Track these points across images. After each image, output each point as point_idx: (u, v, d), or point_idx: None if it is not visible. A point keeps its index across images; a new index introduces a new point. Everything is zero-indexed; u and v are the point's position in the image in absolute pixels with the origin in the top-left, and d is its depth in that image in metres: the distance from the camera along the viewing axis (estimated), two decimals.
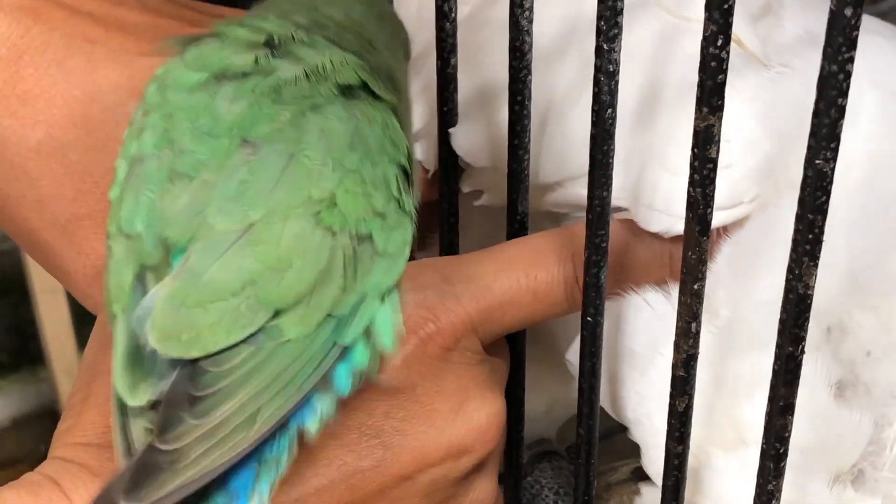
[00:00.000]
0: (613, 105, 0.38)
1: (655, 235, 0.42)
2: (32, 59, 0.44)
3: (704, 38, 0.34)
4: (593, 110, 0.38)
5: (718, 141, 0.35)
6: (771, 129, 0.42)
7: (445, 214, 0.47)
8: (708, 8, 0.34)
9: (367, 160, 0.36)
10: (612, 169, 0.39)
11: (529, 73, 0.42)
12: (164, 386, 0.34)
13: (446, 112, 0.46)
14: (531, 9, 0.41)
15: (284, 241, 0.35)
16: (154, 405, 0.34)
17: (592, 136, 0.39)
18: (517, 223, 0.44)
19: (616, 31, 0.37)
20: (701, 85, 0.35)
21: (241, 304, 0.34)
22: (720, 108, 0.35)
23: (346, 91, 0.37)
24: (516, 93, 0.42)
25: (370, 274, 0.36)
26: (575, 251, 0.41)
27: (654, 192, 0.42)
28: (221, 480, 0.34)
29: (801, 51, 0.44)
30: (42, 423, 1.58)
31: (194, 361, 0.34)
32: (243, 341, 0.34)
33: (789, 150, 0.41)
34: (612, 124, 0.38)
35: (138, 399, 0.34)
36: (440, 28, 0.44)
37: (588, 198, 0.40)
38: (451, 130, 0.46)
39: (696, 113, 0.35)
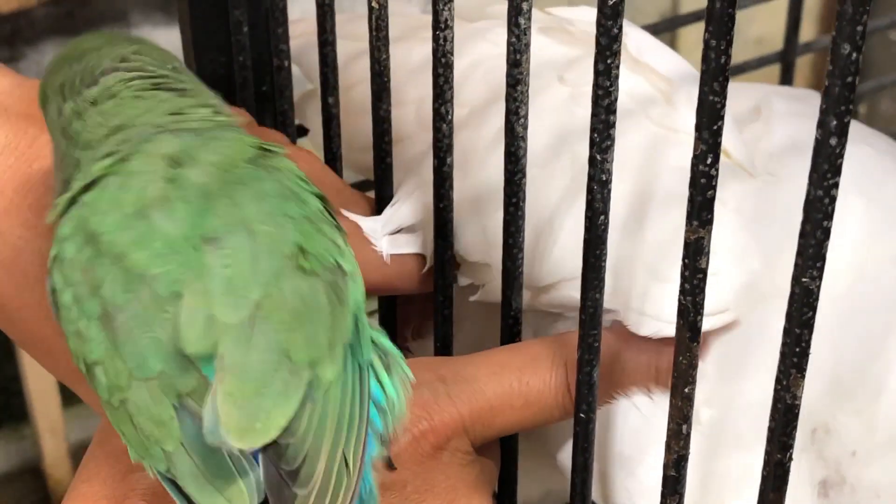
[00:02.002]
0: (606, 212, 0.40)
1: (643, 345, 0.43)
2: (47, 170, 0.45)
3: (695, 157, 0.35)
4: (587, 216, 0.40)
5: (708, 252, 0.37)
6: (757, 238, 0.44)
7: (440, 307, 0.49)
8: (699, 128, 0.35)
9: (300, 203, 0.39)
10: (604, 272, 0.40)
11: (524, 176, 0.43)
12: (255, 478, 0.36)
13: (442, 209, 0.47)
14: (526, 116, 0.42)
15: (289, 302, 0.37)
16: None
17: (586, 241, 0.40)
18: (511, 318, 0.46)
19: (609, 142, 0.39)
20: (691, 200, 0.36)
21: (283, 374, 0.36)
22: (710, 222, 0.36)
23: (248, 159, 0.40)
24: (511, 195, 0.43)
25: (351, 296, 0.39)
26: (568, 359, 0.43)
27: (643, 299, 0.43)
28: None
29: (788, 160, 0.45)
30: (24, 481, 1.57)
31: (273, 444, 0.36)
32: (301, 405, 0.36)
33: (775, 257, 0.43)
34: (605, 230, 0.40)
35: None
36: (437, 129, 0.46)
37: (581, 299, 0.41)
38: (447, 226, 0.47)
39: (686, 226, 0.36)
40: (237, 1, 0.56)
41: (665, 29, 0.73)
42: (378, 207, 0.51)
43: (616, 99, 0.38)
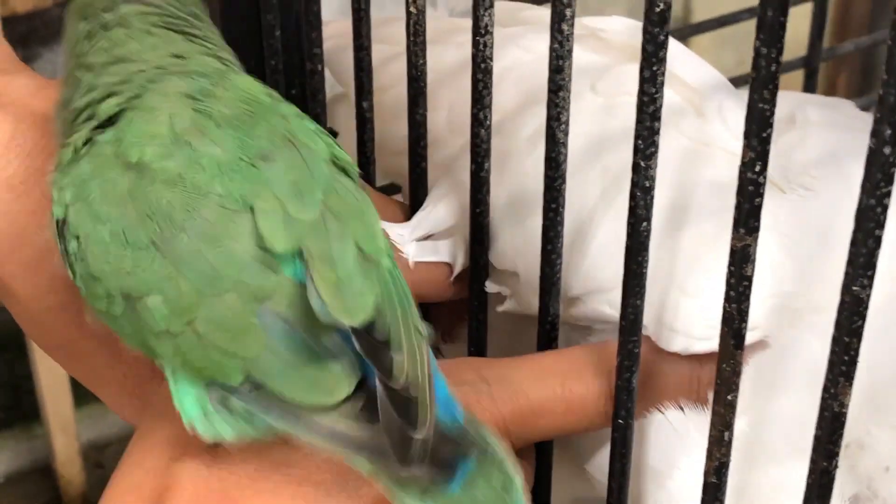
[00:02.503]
0: (649, 218, 0.40)
1: (679, 358, 0.43)
2: None
3: (743, 164, 0.36)
4: (629, 223, 0.40)
5: (754, 260, 0.37)
6: (792, 253, 0.44)
7: (475, 312, 0.49)
8: (747, 135, 0.35)
9: (313, 123, 0.42)
10: (645, 279, 0.41)
11: (564, 181, 0.43)
12: (350, 366, 0.38)
13: (479, 213, 0.47)
14: (567, 122, 0.42)
15: (345, 201, 0.40)
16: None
17: (628, 247, 0.40)
18: (548, 325, 0.46)
19: (653, 149, 0.39)
20: (738, 207, 0.36)
21: (362, 261, 0.39)
22: (756, 230, 0.36)
23: (266, 95, 0.42)
24: (551, 200, 0.43)
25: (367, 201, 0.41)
26: (610, 367, 0.43)
27: (674, 315, 0.43)
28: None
29: (823, 173, 0.45)
30: (36, 479, 1.58)
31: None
32: (380, 287, 0.39)
33: (810, 273, 0.43)
34: (647, 236, 0.40)
35: (342, 392, 0.38)
36: (475, 134, 0.46)
37: (622, 306, 0.41)
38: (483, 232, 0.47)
39: (733, 233, 0.37)
40: (269, 5, 0.56)
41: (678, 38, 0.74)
42: (412, 211, 0.51)
43: (661, 106, 0.38)
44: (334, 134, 0.61)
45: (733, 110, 0.47)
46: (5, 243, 0.46)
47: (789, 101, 0.52)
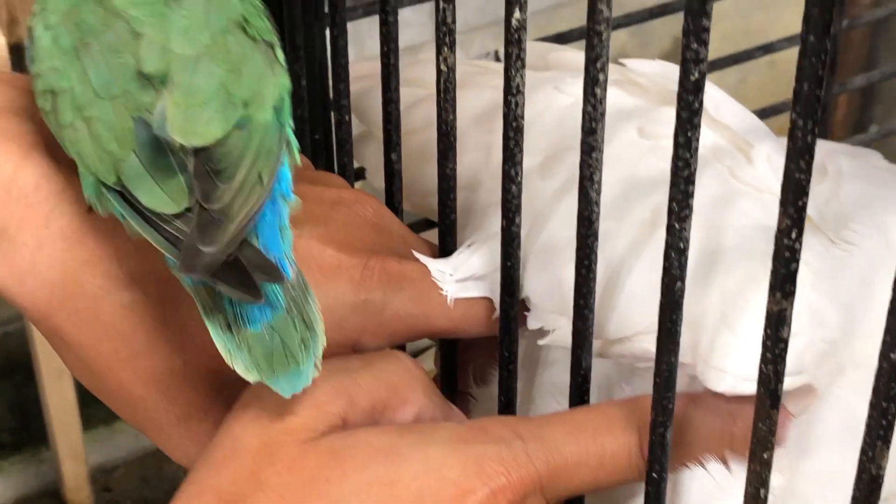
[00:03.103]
0: (683, 278, 0.40)
1: (717, 411, 0.44)
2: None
3: (779, 230, 0.36)
4: (663, 282, 0.41)
5: (790, 323, 0.37)
6: (836, 304, 0.44)
7: (505, 363, 0.49)
8: (783, 203, 0.36)
9: None
10: (679, 336, 0.41)
11: (596, 239, 0.44)
12: (190, 180, 0.42)
13: (510, 266, 0.48)
14: (600, 182, 0.43)
15: (232, 51, 0.45)
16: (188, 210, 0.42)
17: (662, 305, 0.41)
18: (580, 377, 0.46)
19: (688, 211, 0.39)
20: (775, 272, 0.37)
21: (222, 99, 0.44)
22: (792, 294, 0.37)
23: None
24: (583, 257, 0.44)
25: (282, 76, 0.47)
26: (641, 422, 0.43)
27: (723, 355, 0.44)
28: (264, 249, 0.43)
29: (859, 226, 0.46)
30: (44, 503, 1.58)
31: (206, 149, 0.43)
32: (234, 127, 0.43)
33: (852, 326, 0.44)
34: (681, 296, 0.41)
35: (181, 204, 0.42)
36: (506, 190, 0.46)
37: (656, 362, 0.42)
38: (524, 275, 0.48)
39: (769, 296, 0.37)
40: (294, 55, 0.57)
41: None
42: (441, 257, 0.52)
43: (695, 170, 0.39)
44: (361, 173, 0.62)
45: (781, 160, 0.48)
46: (59, 293, 0.46)
47: (819, 149, 0.53)
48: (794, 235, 0.36)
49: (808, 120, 0.35)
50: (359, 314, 0.49)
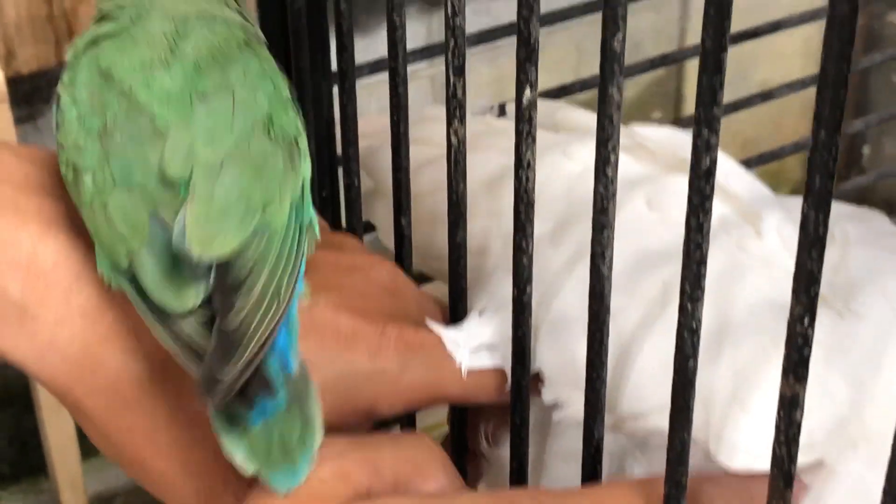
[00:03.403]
0: (695, 357, 0.41)
1: (727, 491, 0.45)
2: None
3: (792, 316, 0.37)
4: (676, 360, 0.41)
5: (803, 406, 0.38)
6: (846, 378, 0.45)
7: (517, 430, 0.50)
8: (796, 292, 0.37)
9: (275, 86, 0.48)
10: (692, 413, 0.42)
11: (609, 314, 0.45)
12: (205, 286, 0.43)
13: (521, 336, 0.48)
14: (612, 258, 0.44)
15: (254, 156, 0.46)
16: (198, 307, 0.43)
17: (675, 383, 0.42)
18: (592, 448, 0.47)
19: (699, 292, 0.40)
20: (788, 357, 0.38)
21: (241, 208, 0.44)
22: (805, 378, 0.38)
23: (242, 44, 0.49)
24: (595, 330, 0.45)
25: (302, 169, 0.47)
26: (658, 501, 0.44)
27: (735, 432, 0.45)
28: (270, 346, 0.43)
29: (867, 296, 0.47)
30: None
31: (225, 262, 0.43)
32: (251, 235, 0.44)
33: (863, 400, 0.44)
34: (694, 374, 0.41)
35: (187, 304, 0.43)
36: (517, 261, 0.47)
37: (669, 439, 0.42)
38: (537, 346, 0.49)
39: (782, 380, 0.38)
40: (303, 114, 0.58)
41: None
42: (452, 324, 0.52)
43: (707, 252, 0.40)
44: (371, 226, 0.63)
45: (790, 232, 0.49)
46: (79, 368, 0.47)
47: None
48: (806, 322, 0.37)
49: (819, 212, 0.35)
50: (375, 382, 0.49)
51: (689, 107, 1.61)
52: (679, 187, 0.51)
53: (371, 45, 1.20)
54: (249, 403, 0.42)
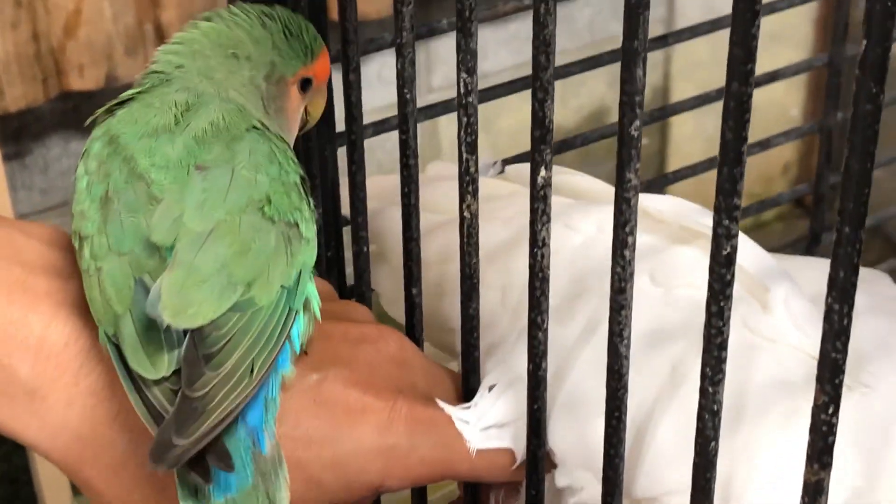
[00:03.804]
0: (717, 439, 0.41)
1: None
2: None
3: (816, 406, 0.37)
4: (697, 442, 0.41)
5: (828, 492, 0.38)
6: (857, 450, 0.45)
7: (531, 501, 0.50)
8: (820, 380, 0.37)
9: (282, 170, 0.48)
10: (713, 494, 0.42)
11: (626, 391, 0.45)
12: (179, 354, 0.43)
13: (536, 409, 0.49)
14: (629, 338, 0.44)
15: (243, 231, 0.46)
16: (171, 374, 0.43)
17: (695, 465, 0.42)
18: None
19: (721, 376, 0.40)
20: (812, 445, 0.38)
21: (221, 281, 0.44)
22: (829, 465, 0.38)
23: (252, 127, 0.49)
24: (613, 409, 0.45)
25: (301, 253, 0.47)
26: None
27: None
28: (242, 419, 0.44)
29: (876, 367, 0.47)
30: None
31: (199, 330, 0.43)
32: (231, 310, 0.44)
33: (875, 472, 0.44)
34: (715, 455, 0.41)
35: (160, 371, 0.43)
36: (532, 336, 0.47)
37: None
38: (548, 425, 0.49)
39: (806, 466, 0.38)
40: (311, 186, 0.58)
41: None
42: (465, 397, 0.52)
43: (727, 337, 0.40)
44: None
45: (797, 304, 0.49)
46: (90, 449, 0.47)
47: (821, 274, 0.54)
48: (830, 411, 0.37)
49: (843, 305, 0.36)
50: (384, 459, 0.49)
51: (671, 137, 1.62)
52: (683, 260, 0.51)
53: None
54: (206, 476, 0.42)
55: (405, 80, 0.50)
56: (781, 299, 0.49)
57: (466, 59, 0.46)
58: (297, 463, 0.47)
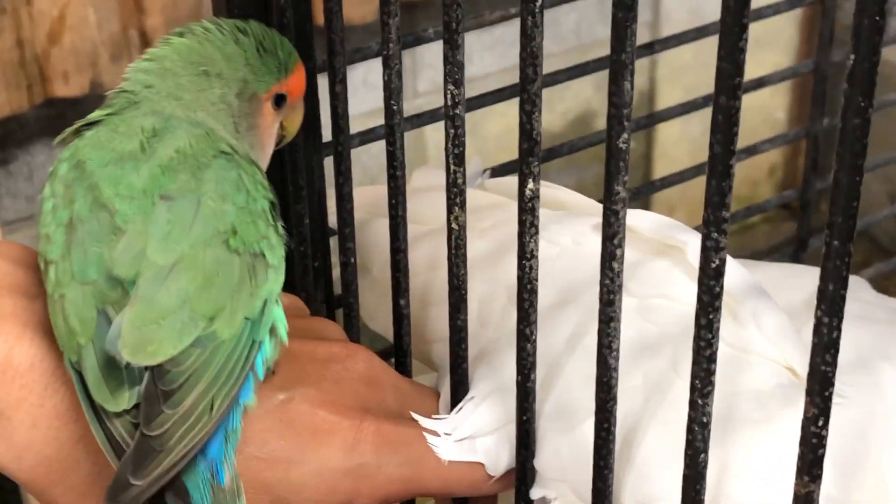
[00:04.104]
0: (706, 451, 0.41)
1: None
2: None
3: (806, 418, 0.37)
4: (687, 454, 0.41)
5: (818, 502, 0.38)
6: (831, 460, 0.45)
7: None
8: (810, 393, 0.37)
9: (249, 198, 0.48)
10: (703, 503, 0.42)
11: (615, 402, 0.45)
12: (139, 389, 0.43)
13: (526, 421, 0.49)
14: (618, 349, 0.44)
15: (207, 265, 0.45)
16: (133, 407, 0.43)
17: (685, 477, 0.42)
18: None
19: (710, 387, 0.40)
20: (802, 457, 0.38)
21: (183, 317, 0.44)
22: (819, 477, 0.38)
23: (220, 153, 0.48)
24: (602, 420, 0.45)
25: (266, 282, 0.47)
26: None
27: None
28: (201, 452, 0.44)
29: (851, 377, 0.47)
30: None
31: (160, 366, 0.43)
32: (192, 346, 0.44)
33: (849, 481, 0.44)
34: (705, 467, 0.41)
35: (120, 405, 0.43)
36: (521, 348, 0.47)
37: None
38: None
39: (796, 479, 0.38)
40: (297, 196, 0.58)
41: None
42: (452, 409, 0.52)
43: (717, 349, 0.40)
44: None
45: (767, 315, 0.49)
46: (56, 470, 0.47)
47: (809, 281, 0.54)
48: (820, 423, 0.37)
49: (833, 318, 0.36)
50: (352, 479, 0.49)
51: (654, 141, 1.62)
52: (659, 275, 0.51)
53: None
54: None
55: (392, 92, 0.50)
56: (750, 311, 0.49)
57: (454, 71, 0.46)
58: (264, 484, 0.47)
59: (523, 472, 0.49)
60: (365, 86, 1.42)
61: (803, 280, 0.55)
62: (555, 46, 1.57)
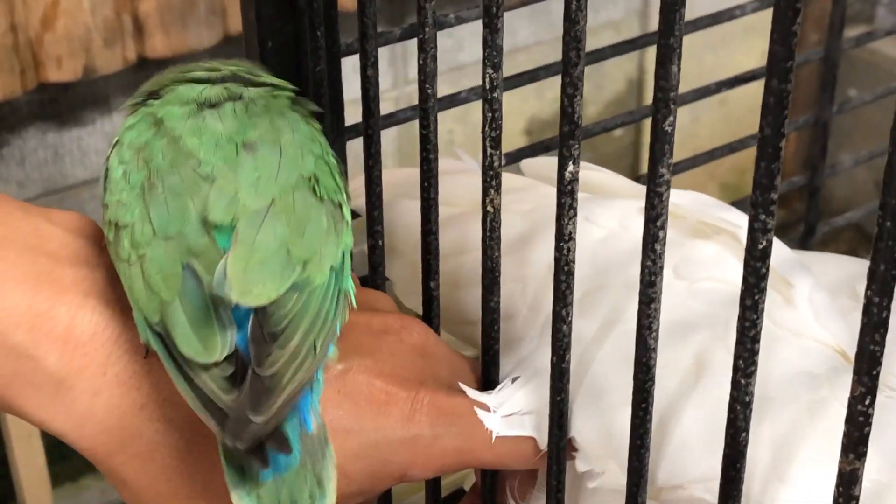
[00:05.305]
0: (747, 430, 0.42)
1: None
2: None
3: (853, 397, 0.38)
4: (728, 433, 0.42)
5: (861, 481, 0.39)
6: (879, 449, 0.46)
7: (553, 491, 0.51)
8: (857, 372, 0.38)
9: (324, 150, 0.49)
10: (742, 485, 0.43)
11: (654, 383, 0.45)
12: (230, 338, 0.43)
13: (559, 401, 0.49)
14: (658, 330, 0.44)
15: (298, 209, 0.46)
16: (223, 360, 0.43)
17: (726, 455, 0.42)
18: None
19: (753, 368, 0.41)
20: (848, 434, 0.38)
21: (282, 259, 0.44)
22: (864, 455, 0.39)
23: (290, 108, 0.50)
24: (640, 401, 0.45)
25: (345, 234, 0.48)
26: None
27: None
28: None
29: None
30: None
31: (264, 309, 0.44)
32: (290, 289, 0.44)
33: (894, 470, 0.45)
34: (745, 446, 0.42)
35: (213, 356, 0.43)
36: (557, 329, 0.48)
37: None
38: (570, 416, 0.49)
39: (841, 456, 0.39)
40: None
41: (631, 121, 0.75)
42: (484, 389, 0.53)
43: (761, 330, 0.40)
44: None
45: (822, 301, 0.49)
46: (117, 437, 0.47)
47: (847, 270, 0.55)
48: (867, 402, 0.38)
49: (883, 297, 0.36)
50: (408, 449, 0.50)
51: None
52: (704, 255, 0.52)
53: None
54: (264, 458, 0.42)
55: (427, 76, 0.50)
56: (806, 295, 0.49)
57: (492, 55, 0.46)
58: None
59: (556, 451, 0.50)
60: (355, 73, 1.41)
61: (827, 267, 0.55)
62: (546, 34, 1.58)
